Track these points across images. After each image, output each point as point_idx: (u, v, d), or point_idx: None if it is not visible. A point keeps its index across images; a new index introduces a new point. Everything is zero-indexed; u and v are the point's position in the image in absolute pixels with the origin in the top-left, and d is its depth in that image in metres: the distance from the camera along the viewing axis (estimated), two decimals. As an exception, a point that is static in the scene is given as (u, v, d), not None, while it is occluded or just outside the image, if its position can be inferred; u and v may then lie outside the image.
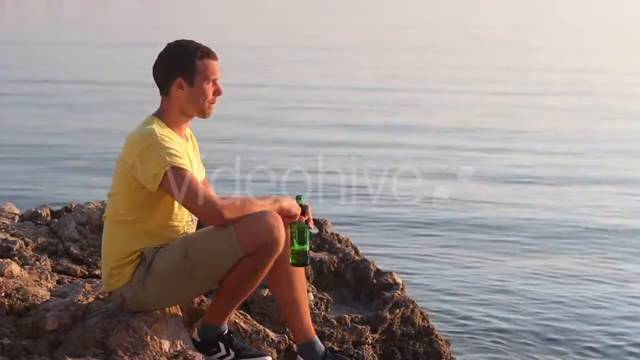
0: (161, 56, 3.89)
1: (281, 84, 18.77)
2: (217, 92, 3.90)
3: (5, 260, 4.42)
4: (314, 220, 4.07)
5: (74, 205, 5.22)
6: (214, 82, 3.89)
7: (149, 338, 3.79)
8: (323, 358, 3.96)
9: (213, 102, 3.90)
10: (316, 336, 4.01)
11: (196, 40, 3.92)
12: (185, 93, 3.84)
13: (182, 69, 3.83)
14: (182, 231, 3.89)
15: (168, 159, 3.68)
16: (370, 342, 4.64)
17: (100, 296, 4.15)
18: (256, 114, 14.67)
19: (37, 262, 4.67)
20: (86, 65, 21.98)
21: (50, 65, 22.15)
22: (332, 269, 5.07)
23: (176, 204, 3.80)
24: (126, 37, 30.84)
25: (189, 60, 3.83)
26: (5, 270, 4.31)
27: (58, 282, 4.53)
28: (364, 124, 13.65)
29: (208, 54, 3.87)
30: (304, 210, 3.93)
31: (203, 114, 3.90)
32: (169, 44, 3.89)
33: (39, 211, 5.22)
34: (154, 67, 3.89)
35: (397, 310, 4.77)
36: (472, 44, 29.72)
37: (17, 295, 4.11)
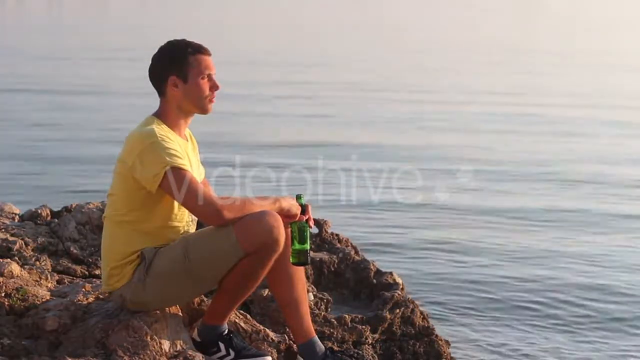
0: (154, 58, 3.90)
1: (282, 82, 18.78)
2: (213, 87, 3.89)
3: (5, 260, 4.42)
4: (314, 220, 4.07)
5: (74, 205, 5.22)
6: (210, 77, 3.88)
7: (149, 338, 3.79)
8: (323, 358, 3.95)
9: (212, 98, 3.90)
10: (316, 336, 4.01)
11: (188, 39, 3.93)
12: (180, 91, 3.84)
13: (174, 67, 3.83)
14: (182, 231, 3.89)
15: (168, 159, 3.67)
16: (370, 342, 4.64)
17: (100, 296, 4.15)
18: (256, 112, 14.68)
19: (37, 262, 4.67)
20: (87, 66, 21.99)
21: (51, 65, 22.16)
22: (332, 269, 5.07)
23: (176, 204, 3.80)
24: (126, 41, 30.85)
25: (180, 58, 3.83)
26: (5, 270, 4.30)
27: (58, 282, 4.53)
28: (365, 123, 13.67)
29: (199, 49, 3.87)
30: (304, 209, 3.92)
31: (202, 110, 3.90)
32: (161, 46, 3.90)
33: (39, 211, 5.22)
34: (148, 70, 3.90)
35: (397, 310, 4.76)
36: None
37: (17, 295, 4.11)
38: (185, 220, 3.90)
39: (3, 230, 4.94)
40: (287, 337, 4.24)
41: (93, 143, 11.90)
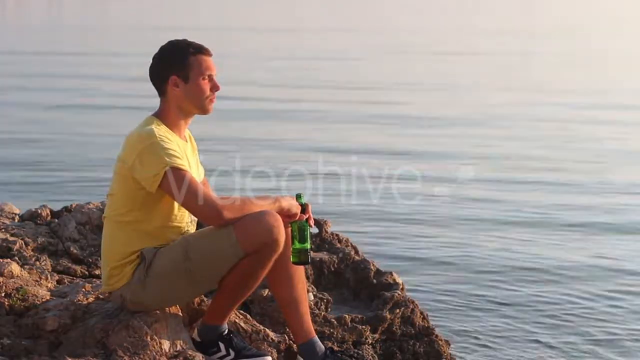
0: (155, 58, 3.90)
1: (281, 81, 18.79)
2: (214, 88, 3.90)
3: (5, 260, 4.42)
4: (314, 219, 4.07)
5: (74, 205, 5.22)
6: (210, 78, 3.89)
7: (149, 338, 3.79)
8: (323, 358, 3.96)
9: (212, 98, 3.91)
10: (316, 336, 4.01)
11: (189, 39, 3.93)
12: (181, 91, 3.85)
13: (175, 67, 3.84)
14: (182, 231, 3.89)
15: (167, 159, 3.68)
16: (370, 342, 4.64)
17: (100, 296, 4.15)
18: (256, 113, 14.68)
19: (37, 262, 4.67)
20: (87, 63, 22.01)
21: (52, 63, 22.17)
22: (332, 269, 5.07)
23: (176, 204, 3.80)
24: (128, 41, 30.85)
25: (181, 58, 3.84)
26: (5, 270, 4.31)
27: (58, 282, 4.53)
28: (365, 123, 13.67)
29: (201, 50, 3.88)
30: (304, 208, 3.93)
31: (202, 110, 3.90)
32: (162, 46, 3.90)
33: (39, 211, 5.22)
34: (149, 70, 3.90)
35: (397, 310, 4.76)
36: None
37: (17, 295, 4.11)
38: (185, 220, 3.90)
39: (3, 230, 4.94)
40: (287, 337, 4.24)
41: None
